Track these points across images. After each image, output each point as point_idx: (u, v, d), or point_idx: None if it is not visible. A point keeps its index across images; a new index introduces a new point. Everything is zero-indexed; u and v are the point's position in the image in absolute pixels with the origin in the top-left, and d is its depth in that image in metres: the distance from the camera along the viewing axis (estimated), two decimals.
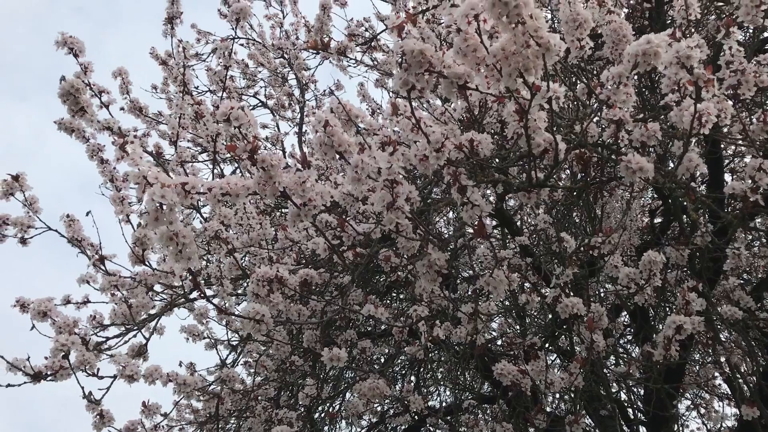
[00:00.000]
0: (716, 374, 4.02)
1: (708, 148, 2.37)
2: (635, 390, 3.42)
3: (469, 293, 2.87)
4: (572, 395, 2.26)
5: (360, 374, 3.67)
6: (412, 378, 4.19)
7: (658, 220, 3.63)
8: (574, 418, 2.00)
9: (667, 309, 3.33)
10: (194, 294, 2.20)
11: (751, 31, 2.84)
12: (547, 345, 2.81)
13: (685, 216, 3.08)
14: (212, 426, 2.57)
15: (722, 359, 3.42)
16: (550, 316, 3.06)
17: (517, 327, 3.56)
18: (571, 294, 2.05)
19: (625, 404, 3.28)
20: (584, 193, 3.13)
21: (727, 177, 3.45)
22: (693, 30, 2.23)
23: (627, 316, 3.68)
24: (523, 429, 2.71)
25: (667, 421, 2.91)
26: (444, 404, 4.24)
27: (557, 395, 3.56)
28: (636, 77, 2.44)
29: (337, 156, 1.25)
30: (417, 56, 1.08)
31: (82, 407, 1.99)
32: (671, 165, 2.71)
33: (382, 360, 4.16)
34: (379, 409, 4.08)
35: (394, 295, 3.59)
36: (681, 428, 3.80)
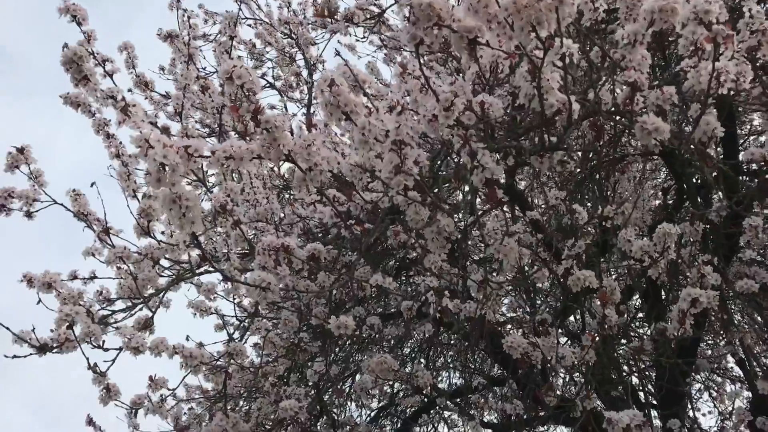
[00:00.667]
0: (729, 356, 3.98)
1: (725, 117, 2.32)
2: (647, 373, 3.39)
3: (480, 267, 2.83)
4: (583, 372, 2.23)
5: (369, 353, 3.66)
6: (422, 360, 4.17)
7: (670, 203, 3.58)
8: (586, 394, 1.97)
9: (680, 288, 3.27)
10: (202, 269, 2.19)
11: None
12: (558, 322, 2.78)
13: (698, 196, 3.05)
14: (222, 404, 2.55)
15: (735, 341, 3.38)
16: (560, 292, 3.03)
17: (527, 307, 3.53)
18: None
19: (637, 388, 3.25)
20: (597, 171, 3.09)
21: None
22: None
23: (638, 299, 3.65)
24: (533, 408, 2.69)
25: (679, 400, 2.88)
26: (453, 387, 4.23)
27: (567, 376, 3.53)
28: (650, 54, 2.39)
29: (344, 118, 1.21)
30: (425, 9, 1.04)
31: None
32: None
33: (392, 343, 4.15)
34: (388, 390, 4.07)
35: (404, 278, 3.57)
36: (693, 411, 3.76)
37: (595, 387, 2.26)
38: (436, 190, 1.41)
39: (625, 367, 3.11)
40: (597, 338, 1.94)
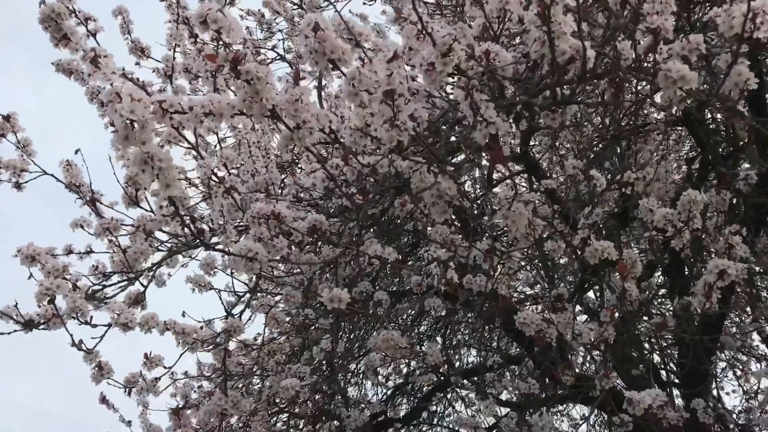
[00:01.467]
0: (755, 334, 3.84)
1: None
2: (669, 351, 3.26)
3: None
4: (601, 350, 2.11)
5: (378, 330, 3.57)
6: (438, 339, 4.09)
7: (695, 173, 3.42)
8: (604, 373, 1.85)
9: (705, 262, 3.14)
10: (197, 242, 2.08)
11: None
12: (575, 297, 2.65)
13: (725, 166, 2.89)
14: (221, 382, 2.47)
15: (762, 318, 3.24)
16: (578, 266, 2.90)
17: (545, 282, 3.41)
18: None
19: (659, 366, 3.13)
20: (617, 140, 2.94)
21: None
22: None
23: (660, 276, 3.51)
24: (551, 387, 2.58)
25: (702, 379, 2.75)
26: (469, 365, 4.15)
27: (585, 355, 3.42)
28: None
29: (331, 67, 1.09)
30: None
31: None
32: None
33: (408, 321, 4.06)
34: (405, 369, 3.99)
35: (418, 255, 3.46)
36: (717, 390, 3.62)
37: (614, 365, 2.13)
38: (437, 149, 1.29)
39: (646, 345, 2.99)
40: (616, 314, 1.82)
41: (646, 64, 1.41)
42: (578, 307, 2.99)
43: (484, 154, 1.43)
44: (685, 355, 2.50)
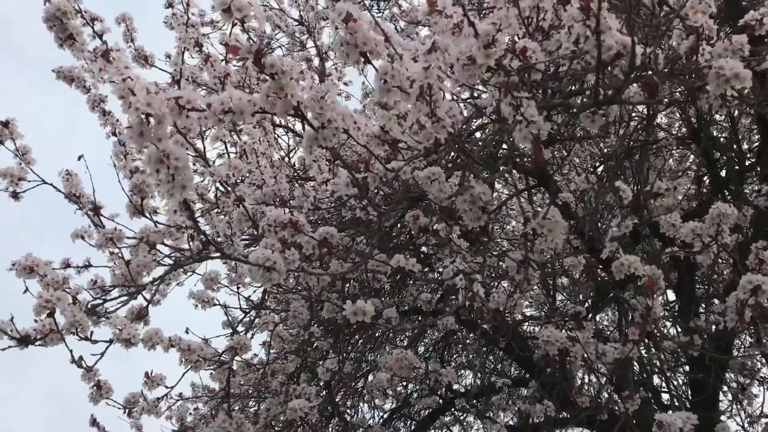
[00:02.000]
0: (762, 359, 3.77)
1: None
2: (671, 374, 3.19)
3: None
4: (620, 371, 2.02)
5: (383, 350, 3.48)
6: (438, 360, 4.00)
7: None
8: (629, 394, 1.77)
9: (720, 283, 3.08)
10: (203, 254, 2.00)
11: None
12: (590, 317, 2.58)
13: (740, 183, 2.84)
14: (225, 404, 2.37)
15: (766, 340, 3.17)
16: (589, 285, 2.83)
17: (548, 304, 3.34)
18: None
19: (658, 389, 3.06)
20: (630, 155, 2.88)
21: None
22: None
23: (664, 295, 3.44)
24: (566, 409, 2.49)
25: (713, 401, 2.68)
26: (470, 387, 4.06)
27: (589, 376, 3.34)
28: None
29: (362, 60, 1.02)
30: None
31: None
32: None
33: (406, 341, 3.97)
34: (402, 391, 3.89)
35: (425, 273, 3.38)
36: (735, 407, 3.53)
37: (636, 387, 2.05)
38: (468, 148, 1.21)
39: (648, 367, 2.92)
40: (641, 332, 1.74)
41: (683, 67, 1.35)
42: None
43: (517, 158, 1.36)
44: (695, 376, 2.43)
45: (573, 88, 1.41)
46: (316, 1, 4.25)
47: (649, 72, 1.37)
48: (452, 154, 1.25)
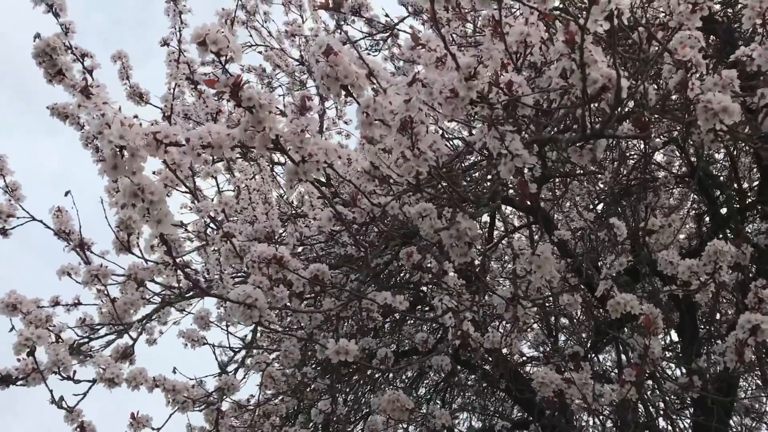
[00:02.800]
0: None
1: None
2: (674, 417, 3.12)
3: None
4: (620, 413, 1.97)
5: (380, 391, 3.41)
6: (438, 402, 3.93)
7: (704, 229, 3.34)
8: None
9: (724, 321, 3.03)
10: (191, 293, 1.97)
11: None
12: (589, 358, 2.52)
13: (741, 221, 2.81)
14: None
15: None
16: (588, 325, 2.78)
17: (549, 343, 3.29)
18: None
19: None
20: (626, 194, 2.86)
21: None
22: None
23: (665, 336, 3.39)
24: None
25: None
26: (470, 430, 3.99)
27: (591, 419, 3.27)
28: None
29: (343, 93, 1.00)
30: None
31: None
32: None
33: (406, 383, 3.91)
34: None
35: (419, 312, 3.35)
36: None
37: (640, 430, 1.99)
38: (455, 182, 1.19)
39: (651, 409, 2.85)
40: (639, 373, 1.69)
41: (675, 102, 1.33)
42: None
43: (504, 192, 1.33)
44: (702, 418, 2.37)
45: (565, 123, 1.39)
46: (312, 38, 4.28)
47: (640, 108, 1.36)
48: (440, 189, 1.23)
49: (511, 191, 1.83)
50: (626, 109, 1.35)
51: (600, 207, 2.96)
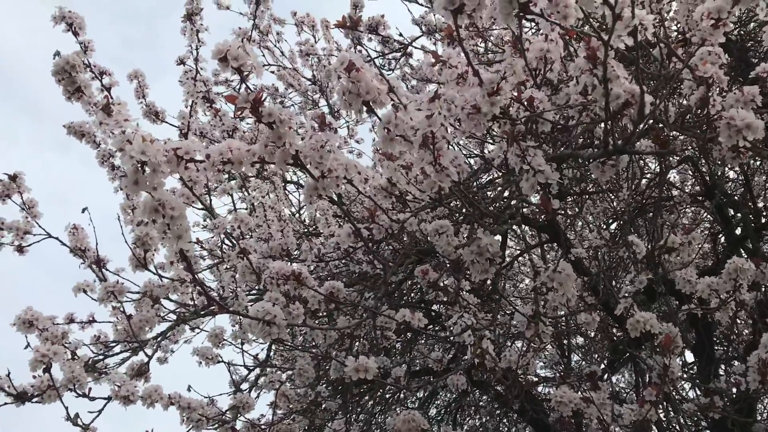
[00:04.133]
0: None
1: None
2: None
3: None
4: None
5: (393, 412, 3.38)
6: (450, 423, 3.89)
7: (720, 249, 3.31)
8: None
9: (740, 343, 2.99)
10: (206, 311, 1.96)
11: None
12: (606, 377, 2.49)
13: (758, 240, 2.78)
14: None
15: None
16: (603, 345, 2.75)
17: (563, 364, 3.26)
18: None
19: None
20: (642, 212, 2.84)
21: None
22: None
23: (681, 357, 3.35)
24: None
25: None
26: None
27: None
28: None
29: (365, 109, 1.00)
30: None
31: None
32: None
33: (417, 404, 3.88)
34: None
35: (433, 331, 3.33)
36: None
37: None
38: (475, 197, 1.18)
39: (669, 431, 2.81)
40: (658, 393, 1.67)
41: (696, 118, 1.32)
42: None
43: (525, 209, 1.32)
44: None
45: (582, 140, 1.39)
46: (329, 62, 4.31)
47: (660, 125, 1.35)
48: (459, 205, 1.22)
49: (525, 209, 1.82)
50: (645, 126, 1.35)
51: (614, 225, 2.94)
